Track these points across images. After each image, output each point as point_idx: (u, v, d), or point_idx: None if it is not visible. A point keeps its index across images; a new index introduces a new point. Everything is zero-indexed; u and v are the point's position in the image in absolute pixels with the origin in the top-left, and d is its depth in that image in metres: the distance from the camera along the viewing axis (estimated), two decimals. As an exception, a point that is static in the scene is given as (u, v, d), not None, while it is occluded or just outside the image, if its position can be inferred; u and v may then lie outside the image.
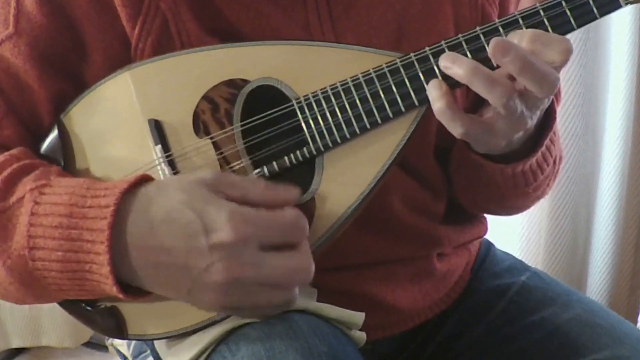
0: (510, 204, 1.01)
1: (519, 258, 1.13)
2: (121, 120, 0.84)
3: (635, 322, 1.62)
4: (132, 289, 0.78)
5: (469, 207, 1.05)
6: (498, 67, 0.79)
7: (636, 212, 1.67)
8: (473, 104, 0.95)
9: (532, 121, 0.82)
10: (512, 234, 1.68)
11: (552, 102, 0.87)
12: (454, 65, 0.78)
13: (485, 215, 1.09)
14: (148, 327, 0.83)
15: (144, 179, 0.77)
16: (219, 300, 0.74)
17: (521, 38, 0.78)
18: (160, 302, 0.82)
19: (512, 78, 0.78)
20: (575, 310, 1.00)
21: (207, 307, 0.77)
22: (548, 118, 0.89)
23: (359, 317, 0.85)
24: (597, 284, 1.72)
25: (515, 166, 0.90)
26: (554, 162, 0.98)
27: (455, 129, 0.80)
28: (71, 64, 0.86)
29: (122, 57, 0.85)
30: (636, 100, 1.57)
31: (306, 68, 0.82)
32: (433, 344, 1.04)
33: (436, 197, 1.00)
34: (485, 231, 1.09)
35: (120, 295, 0.76)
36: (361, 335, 0.85)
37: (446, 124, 0.80)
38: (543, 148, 0.91)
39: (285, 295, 0.75)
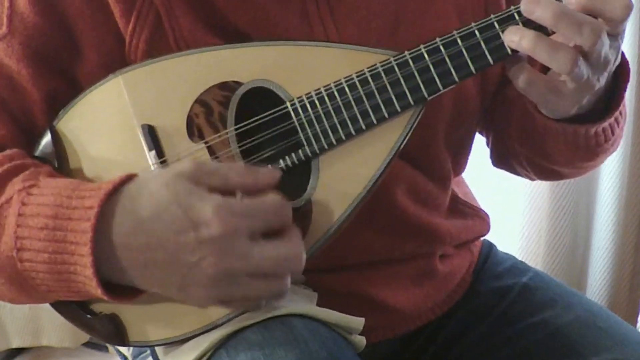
0: (588, 164, 0.99)
1: (519, 258, 1.13)
2: (114, 125, 0.83)
3: (636, 323, 1.62)
4: (121, 291, 0.77)
5: (540, 176, 1.05)
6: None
7: (636, 212, 1.67)
8: (485, 92, 0.96)
9: (599, 83, 0.81)
10: (512, 234, 1.68)
11: (623, 56, 0.86)
12: (520, 38, 0.78)
13: (487, 213, 1.09)
14: (149, 334, 0.82)
15: (130, 178, 0.76)
16: (210, 293, 0.74)
17: None
18: (160, 307, 0.81)
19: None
20: (576, 312, 1.00)
21: (198, 301, 0.76)
22: (622, 70, 0.88)
23: (358, 322, 0.84)
24: (597, 284, 1.72)
25: (601, 124, 0.89)
26: (625, 114, 0.96)
27: (520, 80, 0.80)
28: (65, 62, 0.86)
29: (116, 54, 0.85)
30: (636, 101, 1.57)
31: (300, 69, 0.82)
32: (434, 346, 1.04)
33: (441, 188, 1.00)
34: (487, 230, 1.09)
35: (105, 297, 0.75)
36: (361, 340, 0.85)
37: (514, 72, 0.80)
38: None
39: (277, 285, 0.75)
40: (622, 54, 0.86)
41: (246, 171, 0.76)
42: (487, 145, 1.10)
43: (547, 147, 0.94)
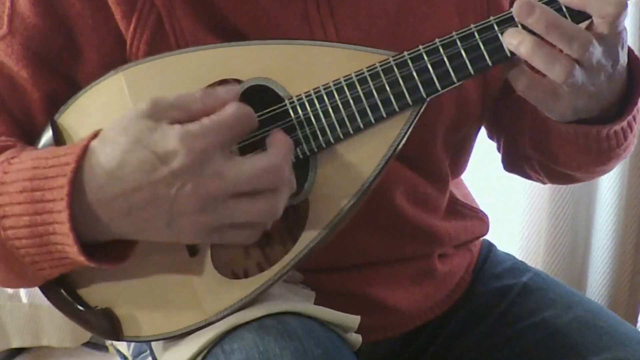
0: (600, 169, 1.00)
1: (519, 258, 1.13)
2: None
3: (636, 323, 1.62)
4: (102, 256, 0.76)
5: (553, 180, 1.05)
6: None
7: (636, 212, 1.67)
8: (487, 96, 0.96)
9: (594, 88, 0.82)
10: (512, 234, 1.68)
11: (635, 60, 0.87)
12: (518, 42, 0.78)
13: (487, 214, 1.09)
14: (143, 328, 0.83)
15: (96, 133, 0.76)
16: (199, 223, 0.73)
17: None
18: (155, 303, 0.82)
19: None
20: (576, 311, 1.00)
21: (191, 236, 0.76)
22: (638, 76, 0.88)
23: (354, 320, 0.84)
24: (597, 284, 1.72)
25: (611, 127, 0.89)
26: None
27: (519, 83, 0.81)
28: (65, 63, 0.86)
29: (116, 55, 0.85)
30: (636, 100, 1.56)
31: (299, 67, 0.82)
32: (434, 345, 1.04)
33: (439, 191, 1.00)
34: (486, 230, 1.09)
35: (82, 258, 0.74)
36: (357, 338, 0.85)
37: (513, 75, 0.81)
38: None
39: (267, 201, 0.74)
40: (638, 59, 0.87)
41: (204, 95, 0.75)
42: (498, 150, 1.11)
43: (559, 150, 0.94)
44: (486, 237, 1.11)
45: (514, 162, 1.08)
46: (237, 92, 0.76)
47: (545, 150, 0.97)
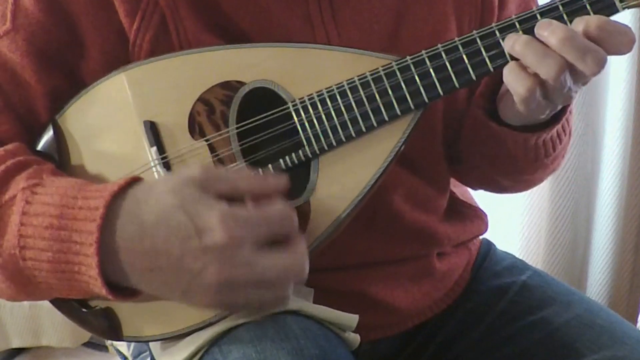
0: (527, 178, 1.01)
1: (519, 258, 1.13)
2: (117, 121, 0.84)
3: (635, 322, 1.62)
4: (123, 289, 0.77)
5: (481, 185, 1.06)
6: None
7: (636, 212, 1.67)
8: (472, 93, 0.97)
9: (575, 95, 0.82)
10: (512, 234, 1.67)
11: None
12: (513, 42, 0.79)
13: (486, 213, 1.09)
14: (143, 329, 0.83)
15: (135, 181, 0.77)
16: (212, 299, 0.74)
17: (588, 23, 0.77)
18: (155, 303, 0.82)
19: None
20: (575, 310, 1.00)
21: (200, 306, 0.77)
22: None
23: (352, 319, 0.84)
24: (597, 284, 1.72)
25: (540, 135, 0.90)
26: (569, 133, 0.98)
27: (523, 86, 0.80)
28: (68, 59, 0.86)
29: (119, 53, 0.85)
30: (636, 100, 1.57)
31: (302, 70, 0.82)
32: (433, 344, 1.04)
33: (439, 192, 1.00)
34: (485, 229, 1.09)
35: (110, 297, 0.76)
36: (355, 337, 0.85)
37: (514, 81, 0.80)
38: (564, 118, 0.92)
39: (278, 294, 0.75)
40: None
41: (254, 177, 0.76)
42: None
43: (490, 153, 0.95)
44: (486, 236, 1.11)
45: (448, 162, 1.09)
46: (285, 182, 0.77)
47: (476, 152, 0.98)
